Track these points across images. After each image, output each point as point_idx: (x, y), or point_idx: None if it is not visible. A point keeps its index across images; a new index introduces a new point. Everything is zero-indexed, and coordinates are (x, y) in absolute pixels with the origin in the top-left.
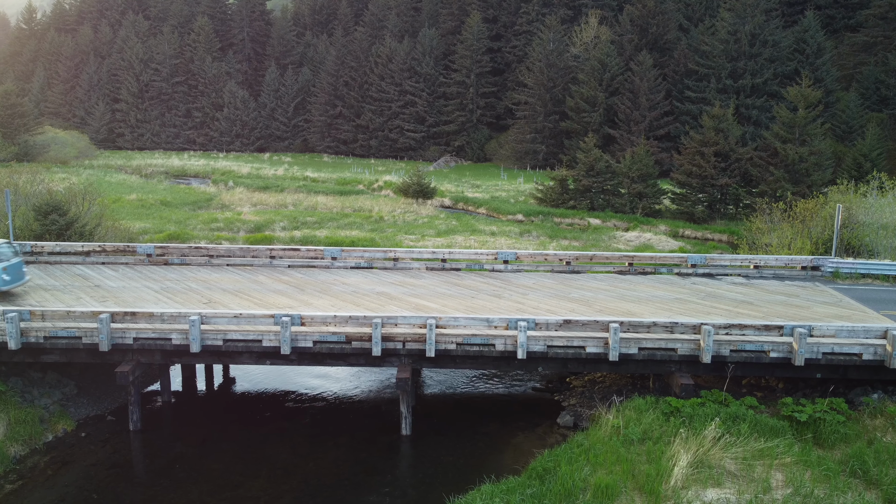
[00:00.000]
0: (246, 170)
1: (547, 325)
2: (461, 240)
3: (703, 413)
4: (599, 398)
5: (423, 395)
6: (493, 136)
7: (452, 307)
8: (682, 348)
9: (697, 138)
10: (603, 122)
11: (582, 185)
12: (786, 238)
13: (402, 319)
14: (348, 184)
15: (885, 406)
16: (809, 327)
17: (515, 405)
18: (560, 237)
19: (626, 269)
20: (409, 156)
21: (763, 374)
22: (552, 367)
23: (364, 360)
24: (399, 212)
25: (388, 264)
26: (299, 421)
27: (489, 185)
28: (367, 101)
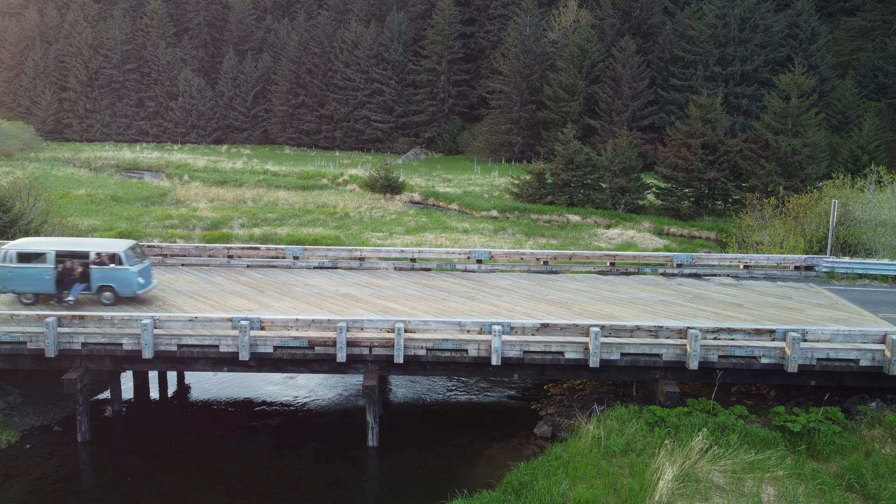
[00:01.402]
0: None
1: (523, 328)
2: (432, 238)
3: (690, 423)
4: (579, 407)
5: (392, 403)
6: (465, 126)
7: (422, 310)
8: (667, 354)
9: (683, 129)
10: (583, 112)
11: (560, 179)
12: (778, 236)
13: (368, 323)
14: (311, 178)
15: (884, 415)
16: (803, 331)
17: (489, 415)
18: (537, 235)
19: (607, 269)
20: (377, 148)
21: (754, 382)
22: (529, 374)
23: (328, 366)
24: (365, 208)
25: (353, 264)
26: (259, 431)
27: (462, 180)
28: (332, 90)
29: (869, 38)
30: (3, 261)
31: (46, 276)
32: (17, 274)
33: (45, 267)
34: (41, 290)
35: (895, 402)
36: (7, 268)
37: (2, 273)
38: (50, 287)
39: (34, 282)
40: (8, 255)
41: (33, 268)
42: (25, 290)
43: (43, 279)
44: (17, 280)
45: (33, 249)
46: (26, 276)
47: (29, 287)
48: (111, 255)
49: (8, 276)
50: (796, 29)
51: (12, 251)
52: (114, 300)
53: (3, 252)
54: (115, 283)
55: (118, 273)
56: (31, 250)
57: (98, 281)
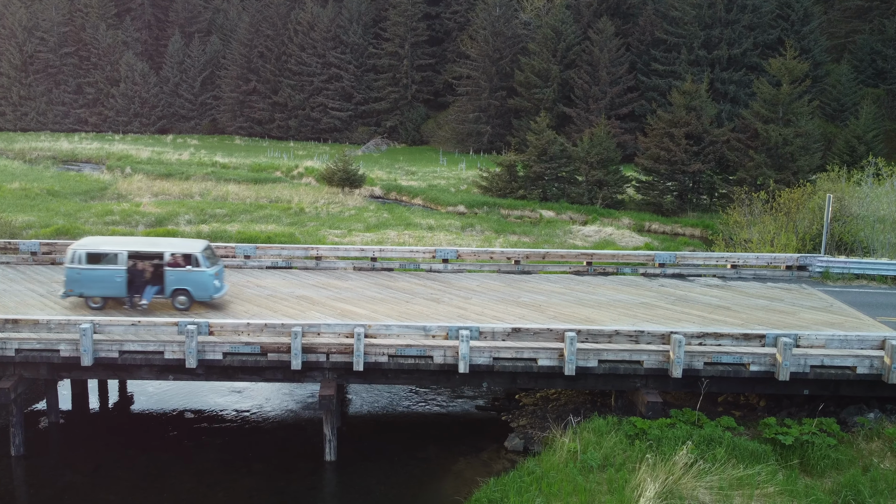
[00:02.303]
0: (146, 154)
1: (493, 333)
2: (394, 235)
3: (673, 435)
4: (553, 418)
5: (351, 414)
6: (430, 115)
7: (384, 313)
8: (648, 361)
9: (666, 118)
10: (557, 99)
11: (533, 171)
12: (768, 233)
13: (325, 327)
14: (264, 170)
15: (883, 427)
16: (795, 336)
17: (457, 426)
18: (508, 232)
19: (583, 269)
20: (334, 138)
21: (742, 391)
22: (499, 383)
23: (282, 374)
24: (322, 203)
25: (309, 263)
26: (208, 445)
27: (426, 172)
28: (286, 76)
29: (866, 20)
30: (72, 262)
31: (118, 278)
32: (85, 276)
33: (116, 269)
34: (111, 294)
35: (895, 412)
36: (75, 269)
37: (69, 275)
38: (121, 290)
39: (104, 284)
40: (76, 255)
41: (103, 269)
42: (94, 294)
43: (114, 282)
44: (86, 282)
45: (104, 249)
46: (96, 279)
47: (98, 290)
48: (186, 256)
49: (76, 279)
50: (788, 9)
51: (81, 251)
52: (188, 305)
53: (70, 252)
54: (191, 286)
55: (194, 275)
56: (102, 250)
57: (172, 284)
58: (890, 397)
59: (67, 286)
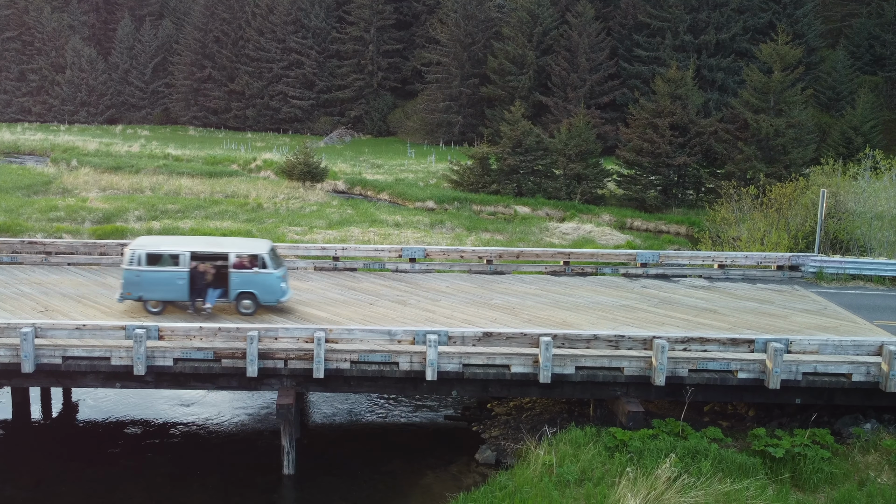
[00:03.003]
0: (93, 146)
1: (463, 338)
2: (358, 232)
3: (656, 447)
4: (528, 429)
5: (311, 425)
6: (398, 104)
7: (346, 316)
8: (629, 367)
9: (649, 107)
10: (533, 88)
11: (507, 164)
12: (758, 231)
13: (283, 332)
14: (219, 163)
15: (880, 438)
16: (786, 341)
17: (424, 438)
18: (480, 229)
19: (560, 270)
20: (295, 129)
21: (730, 399)
22: (469, 391)
23: (237, 381)
24: (282, 198)
25: None
26: (158, 457)
27: (393, 165)
28: (243, 62)
29: (863, 2)
30: (130, 263)
31: (179, 280)
32: (145, 278)
33: (178, 270)
34: (172, 298)
35: (893, 423)
36: (134, 271)
37: (128, 277)
38: (182, 293)
39: (165, 287)
40: (135, 256)
41: (164, 271)
42: (154, 297)
43: (175, 284)
44: (146, 285)
45: (165, 250)
46: (157, 281)
47: (159, 293)
48: (253, 257)
49: (135, 281)
50: None
51: (141, 252)
52: (254, 309)
53: (129, 253)
54: (257, 289)
55: (260, 278)
56: (163, 251)
57: (238, 287)
58: (888, 406)
59: (125, 289)
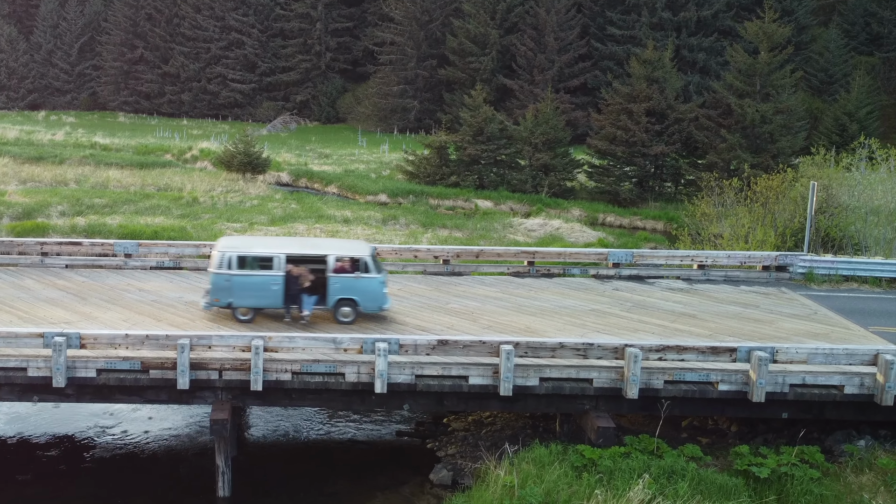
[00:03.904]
0: (13, 133)
1: (416, 346)
2: (303, 229)
3: (628, 467)
4: (487, 446)
5: (249, 442)
6: (347, 88)
7: (287, 322)
8: (599, 378)
9: (623, 91)
10: (496, 70)
11: (467, 154)
12: (742, 227)
13: (218, 339)
14: (152, 153)
15: (875, 457)
16: (772, 350)
17: (373, 456)
18: (437, 225)
19: (524, 270)
20: (235, 115)
21: (709, 414)
22: (423, 405)
23: (167, 394)
24: (220, 191)
25: (202, 263)
26: (80, 478)
27: (342, 155)
28: (178, 41)
29: None
30: (220, 267)
31: (274, 286)
32: (237, 283)
33: (272, 275)
34: (265, 304)
35: (889, 439)
36: (224, 276)
37: (216, 282)
38: (277, 300)
39: (258, 293)
40: (226, 259)
41: (257, 276)
42: (246, 304)
43: (269, 290)
44: (238, 291)
45: (258, 252)
46: (249, 287)
47: (251, 300)
48: (354, 261)
49: (224, 287)
50: None
51: (231, 254)
52: (353, 317)
53: (218, 256)
54: (359, 295)
55: (362, 283)
56: (256, 253)
57: (337, 293)
58: (884, 422)
59: (213, 295)
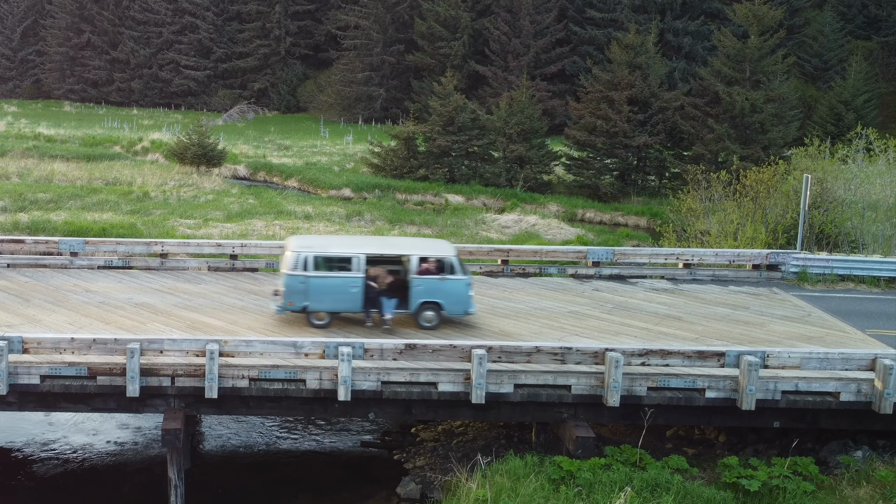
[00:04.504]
0: None
1: (381, 351)
2: (261, 226)
3: (609, 479)
4: (458, 458)
5: (203, 453)
6: (309, 75)
7: (245, 325)
8: (577, 385)
9: (604, 78)
10: (468, 55)
11: (437, 146)
12: (730, 224)
13: (170, 344)
14: (100, 144)
15: (873, 469)
16: (763, 354)
17: (337, 468)
18: (405, 221)
19: (498, 269)
20: (189, 104)
21: (696, 423)
22: (390, 413)
23: (115, 402)
24: (172, 185)
25: (153, 262)
26: (21, 492)
27: (303, 147)
28: (128, 25)
29: None
30: (295, 268)
31: (353, 288)
32: (313, 286)
33: (351, 276)
34: (343, 308)
35: (888, 449)
36: (298, 277)
37: (290, 285)
38: (356, 304)
39: (336, 296)
40: (301, 259)
41: (336, 277)
42: (323, 308)
43: (348, 293)
44: (314, 294)
45: (336, 252)
46: (326, 289)
47: (328, 304)
48: (439, 262)
49: (299, 290)
50: None
51: (307, 254)
52: (437, 322)
53: (293, 256)
54: (444, 298)
55: (448, 285)
56: (334, 253)
57: (421, 296)
58: (882, 431)
59: (287, 298)
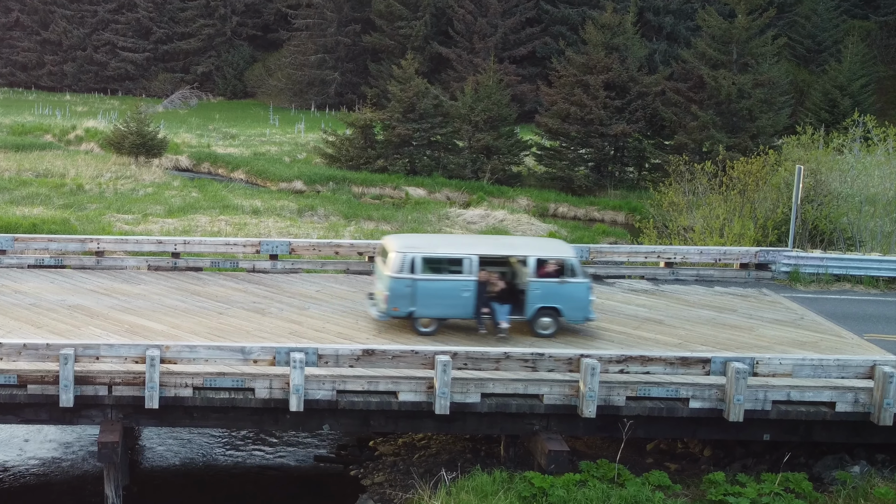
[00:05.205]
0: None
1: (337, 357)
2: (206, 222)
3: (584, 497)
4: (420, 473)
5: (143, 469)
6: (257, 58)
7: (189, 330)
8: (550, 395)
9: (578, 61)
10: (430, 36)
11: (397, 134)
12: (716, 219)
13: (107, 349)
14: (29, 133)
15: (871, 485)
16: (752, 361)
17: (288, 484)
18: (362, 217)
19: None
20: (126, 89)
21: (679, 435)
22: (346, 425)
23: (47, 413)
24: (108, 177)
25: (88, 261)
26: None
27: (251, 136)
28: (60, 3)
29: None
30: (401, 270)
31: (465, 292)
32: (421, 290)
33: (462, 280)
34: (453, 314)
35: (888, 464)
36: (405, 280)
37: (395, 288)
38: (467, 309)
39: (446, 301)
40: (407, 260)
41: (447, 280)
42: (432, 314)
43: (459, 298)
44: (422, 298)
45: (446, 253)
46: (436, 293)
47: (438, 309)
48: (559, 263)
49: (405, 293)
50: None
51: (415, 255)
52: (554, 329)
53: (399, 257)
54: (563, 303)
55: (568, 289)
56: (444, 255)
57: (538, 300)
58: (881, 445)
59: (392, 303)
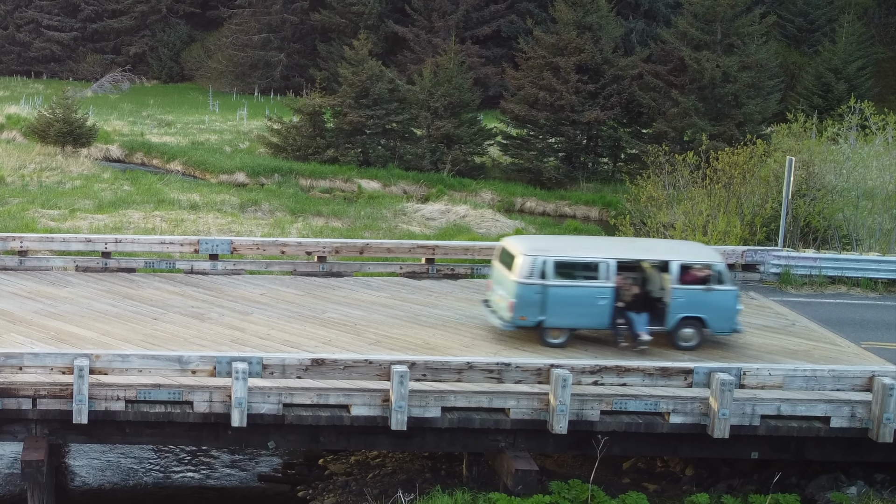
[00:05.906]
0: None
1: (284, 367)
2: (139, 218)
3: None
4: (375, 494)
5: (71, 489)
6: (195, 37)
7: (120, 337)
8: (517, 409)
9: (547, 42)
10: (385, 14)
11: (348, 121)
12: (699, 215)
13: (31, 358)
14: None
15: None
16: (738, 371)
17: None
18: (311, 212)
19: (422, 270)
20: (52, 72)
21: (658, 453)
22: (293, 441)
23: None
24: (33, 168)
25: (10, 261)
26: None
27: (189, 123)
28: None
29: None
30: (530, 275)
31: (601, 300)
32: (553, 297)
33: (598, 286)
34: (587, 324)
35: (888, 485)
36: (534, 287)
37: (525, 295)
38: (602, 319)
39: (580, 310)
40: (539, 265)
41: (581, 287)
42: (564, 324)
43: (594, 306)
44: (554, 307)
45: (581, 257)
46: (569, 301)
47: (570, 318)
48: (706, 269)
49: (535, 301)
50: None
51: (547, 259)
52: (698, 341)
53: (528, 262)
54: (709, 313)
55: (715, 298)
56: (579, 258)
57: (681, 309)
58: (880, 463)
59: (518, 311)
